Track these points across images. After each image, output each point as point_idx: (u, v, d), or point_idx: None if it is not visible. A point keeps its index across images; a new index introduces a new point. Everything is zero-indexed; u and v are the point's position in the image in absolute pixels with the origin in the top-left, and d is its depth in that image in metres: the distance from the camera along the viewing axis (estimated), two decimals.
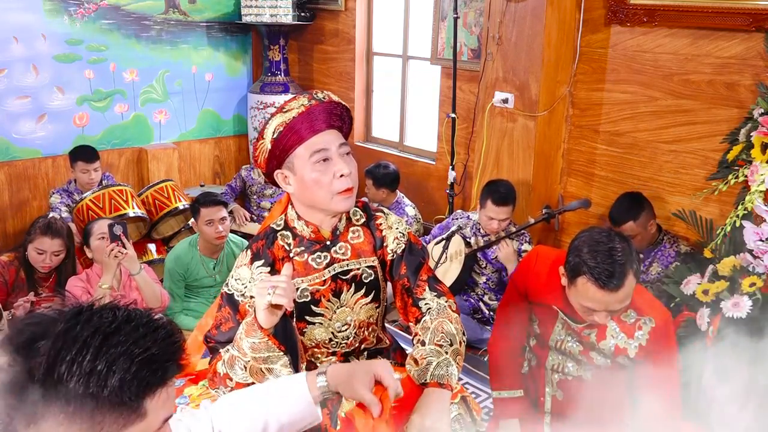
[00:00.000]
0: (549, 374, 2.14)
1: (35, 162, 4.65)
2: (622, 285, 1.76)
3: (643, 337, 1.93)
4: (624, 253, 1.77)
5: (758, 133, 2.69)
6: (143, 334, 0.86)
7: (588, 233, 1.86)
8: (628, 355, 1.95)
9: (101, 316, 0.86)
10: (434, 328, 1.70)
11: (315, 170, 1.65)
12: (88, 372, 0.82)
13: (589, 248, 1.80)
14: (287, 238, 1.77)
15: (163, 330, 0.89)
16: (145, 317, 0.89)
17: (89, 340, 0.83)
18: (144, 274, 3.10)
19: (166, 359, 0.88)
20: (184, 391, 1.93)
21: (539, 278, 2.06)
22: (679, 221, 3.15)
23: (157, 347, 0.87)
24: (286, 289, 1.48)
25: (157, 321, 0.90)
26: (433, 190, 4.69)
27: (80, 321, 0.85)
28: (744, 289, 2.50)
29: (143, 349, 0.85)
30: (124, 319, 0.87)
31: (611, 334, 1.96)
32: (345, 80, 5.25)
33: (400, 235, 1.84)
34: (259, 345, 1.55)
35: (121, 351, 0.84)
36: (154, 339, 0.87)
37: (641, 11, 3.30)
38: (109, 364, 0.82)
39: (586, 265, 1.78)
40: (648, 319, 1.93)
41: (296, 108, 1.66)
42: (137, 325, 0.87)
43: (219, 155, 5.62)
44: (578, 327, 2.00)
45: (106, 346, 0.83)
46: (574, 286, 1.84)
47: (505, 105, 3.66)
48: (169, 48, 5.14)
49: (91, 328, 0.84)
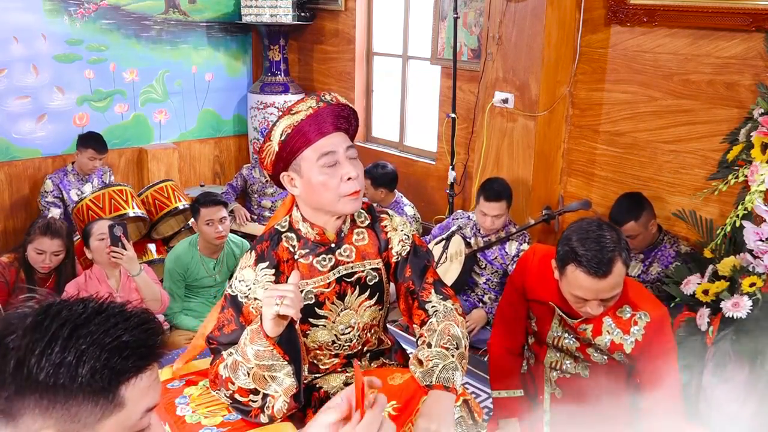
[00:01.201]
0: (547, 372, 2.15)
1: (35, 162, 4.65)
2: (610, 272, 1.77)
3: (638, 333, 1.92)
4: (613, 241, 1.79)
5: (758, 133, 2.69)
6: (114, 323, 0.85)
7: (578, 223, 1.88)
8: (624, 350, 1.94)
9: (71, 309, 0.85)
10: (441, 331, 1.70)
11: (323, 173, 1.65)
12: (57, 364, 0.81)
13: (578, 237, 1.82)
14: (292, 240, 1.76)
15: (136, 318, 0.88)
16: (117, 308, 0.88)
17: (58, 332, 0.82)
18: (144, 276, 3.09)
19: (138, 346, 0.86)
20: (184, 391, 1.93)
21: (535, 275, 2.07)
22: (679, 221, 3.15)
23: (129, 334, 0.85)
24: (293, 299, 1.47)
25: (131, 310, 0.89)
26: (433, 190, 4.70)
27: (49, 314, 0.84)
28: (744, 289, 2.50)
29: (113, 338, 0.84)
30: (95, 310, 0.86)
31: (607, 330, 1.96)
32: (345, 80, 5.25)
33: (405, 237, 1.84)
34: (264, 353, 1.55)
35: (91, 341, 0.82)
36: (126, 327, 0.85)
37: (641, 11, 3.30)
38: (79, 354, 0.81)
39: (574, 253, 1.79)
40: (643, 314, 1.93)
41: (304, 110, 1.65)
42: (108, 315, 0.86)
43: (219, 155, 5.62)
44: (574, 322, 2.00)
45: (75, 336, 0.82)
46: (564, 276, 1.85)
47: (505, 105, 3.66)
48: (169, 48, 5.14)
49: (61, 320, 0.83)
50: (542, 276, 2.04)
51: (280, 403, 1.62)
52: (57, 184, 4.31)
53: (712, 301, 2.58)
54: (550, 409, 2.16)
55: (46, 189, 4.30)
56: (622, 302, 1.93)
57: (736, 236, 2.71)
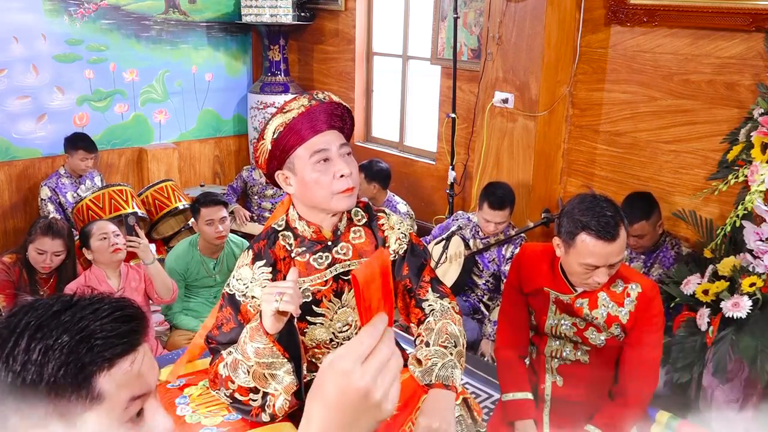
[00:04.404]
0: (549, 361, 2.18)
1: (35, 162, 4.65)
2: (618, 235, 1.88)
3: (631, 304, 2.01)
4: (612, 208, 1.92)
5: (758, 133, 2.69)
6: (81, 316, 0.82)
7: (572, 200, 1.99)
8: (620, 321, 2.02)
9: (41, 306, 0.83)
10: (438, 330, 1.71)
11: (315, 170, 1.65)
12: (24, 362, 0.78)
13: (579, 209, 1.92)
14: (288, 239, 1.77)
15: (107, 307, 0.84)
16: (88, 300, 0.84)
17: (24, 330, 0.80)
18: (157, 264, 3.12)
19: (106, 336, 0.82)
20: (184, 391, 1.93)
21: (527, 267, 2.16)
22: (680, 221, 3.15)
23: (96, 324, 0.81)
24: (293, 295, 1.48)
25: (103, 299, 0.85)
26: (433, 190, 4.70)
27: (20, 312, 0.82)
28: (744, 289, 2.50)
29: (80, 329, 0.80)
30: (65, 304, 0.83)
31: (602, 303, 2.04)
32: (345, 80, 5.25)
33: (402, 235, 1.85)
34: (264, 350, 1.55)
35: (57, 335, 0.80)
36: (95, 318, 0.82)
37: (641, 11, 3.30)
38: (44, 350, 0.79)
39: (581, 223, 1.89)
40: (635, 285, 2.03)
41: (296, 108, 1.66)
42: (78, 308, 0.83)
43: (219, 155, 5.62)
44: (570, 299, 2.06)
45: (40, 333, 0.80)
46: (573, 248, 1.92)
47: (505, 105, 3.66)
48: (169, 48, 5.14)
49: (29, 318, 0.81)
50: (533, 266, 2.14)
51: (280, 400, 1.62)
52: (53, 188, 4.31)
53: (712, 301, 2.57)
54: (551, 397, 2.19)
55: (44, 196, 4.29)
56: (615, 277, 2.02)
57: (736, 236, 2.71)
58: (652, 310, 2.02)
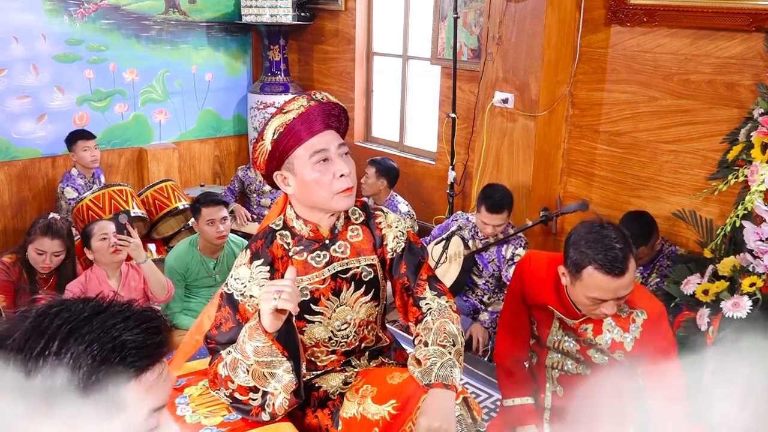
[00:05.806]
0: (549, 371, 2.15)
1: (35, 162, 4.65)
2: (627, 269, 1.80)
3: (636, 330, 1.95)
4: (620, 239, 1.83)
5: (758, 133, 2.69)
6: (113, 323, 0.82)
7: (579, 228, 1.91)
8: (624, 349, 1.96)
9: (71, 309, 0.83)
10: (437, 329, 1.71)
11: (315, 170, 1.66)
12: (55, 365, 0.79)
13: (586, 241, 1.84)
14: (286, 238, 1.77)
15: (138, 317, 0.85)
16: (118, 307, 0.85)
17: (56, 333, 0.80)
18: (150, 263, 3.12)
19: (137, 346, 0.83)
20: (184, 391, 1.93)
21: (532, 280, 2.09)
22: (680, 221, 3.15)
23: (128, 334, 0.82)
24: (291, 293, 1.48)
25: (132, 309, 0.86)
26: (433, 190, 4.69)
27: (49, 314, 0.82)
28: (744, 289, 2.50)
29: (112, 338, 0.81)
30: (95, 310, 0.84)
31: (607, 329, 1.98)
32: (345, 80, 5.25)
33: (399, 234, 1.85)
34: (263, 349, 1.55)
35: (89, 341, 0.80)
36: (126, 327, 0.83)
37: (641, 11, 3.30)
38: (76, 356, 0.79)
39: (588, 257, 1.81)
40: (640, 311, 1.96)
41: (295, 109, 1.67)
42: (108, 315, 0.83)
43: (219, 155, 5.62)
44: (574, 324, 2.01)
45: (72, 338, 0.80)
46: (579, 281, 1.85)
47: (505, 105, 3.66)
48: (169, 48, 5.14)
49: (60, 321, 0.81)
50: (538, 281, 2.06)
51: (280, 399, 1.62)
52: (75, 188, 4.28)
53: (712, 301, 2.57)
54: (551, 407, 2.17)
55: (69, 197, 4.19)
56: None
57: (736, 236, 2.71)
58: (657, 337, 1.94)
